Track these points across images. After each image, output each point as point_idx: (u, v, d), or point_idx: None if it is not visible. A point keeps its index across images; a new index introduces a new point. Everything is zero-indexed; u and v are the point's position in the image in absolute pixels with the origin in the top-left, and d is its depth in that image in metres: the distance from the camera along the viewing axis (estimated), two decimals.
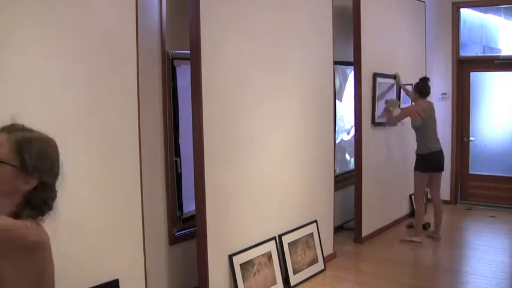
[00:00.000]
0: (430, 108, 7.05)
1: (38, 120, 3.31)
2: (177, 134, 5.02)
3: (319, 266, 5.90)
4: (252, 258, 5.04)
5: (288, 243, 5.50)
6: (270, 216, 5.34)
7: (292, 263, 5.50)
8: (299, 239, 5.68)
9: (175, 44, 4.94)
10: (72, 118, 3.53)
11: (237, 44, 4.84)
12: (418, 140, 7.01)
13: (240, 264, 4.90)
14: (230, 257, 4.81)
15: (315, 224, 5.93)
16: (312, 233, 5.87)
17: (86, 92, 3.61)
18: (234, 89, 4.81)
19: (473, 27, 9.46)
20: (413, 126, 7.01)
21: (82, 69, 3.58)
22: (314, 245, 5.87)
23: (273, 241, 5.32)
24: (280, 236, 5.43)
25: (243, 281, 4.88)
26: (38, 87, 3.31)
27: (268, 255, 5.22)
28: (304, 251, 5.72)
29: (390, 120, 7.32)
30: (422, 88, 7.01)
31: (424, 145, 6.91)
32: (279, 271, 5.30)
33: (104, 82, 3.73)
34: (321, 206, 6.13)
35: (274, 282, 5.22)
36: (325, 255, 6.03)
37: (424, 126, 6.90)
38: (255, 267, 5.04)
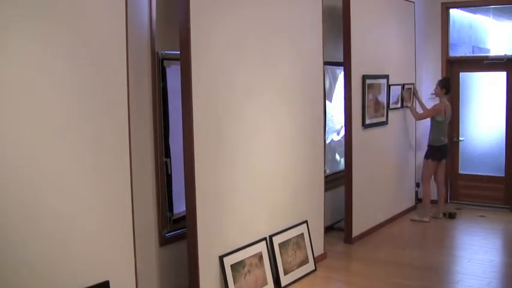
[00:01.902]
0: (449, 106, 8.03)
1: (27, 123, 3.30)
2: (167, 134, 5.01)
3: (310, 266, 5.89)
4: (243, 259, 5.03)
5: (279, 244, 5.50)
6: (261, 217, 5.33)
7: (282, 264, 5.50)
8: (289, 239, 5.67)
9: (165, 45, 4.93)
10: (62, 119, 3.50)
11: (227, 44, 4.82)
12: (434, 133, 7.91)
13: (231, 265, 4.88)
14: (221, 258, 4.80)
15: (305, 224, 5.93)
16: (302, 234, 5.87)
17: (76, 93, 3.59)
18: (224, 89, 4.80)
19: (462, 27, 9.50)
20: (436, 121, 7.86)
21: (71, 70, 3.56)
22: (304, 246, 5.87)
23: (264, 242, 5.31)
24: (270, 237, 5.42)
25: (234, 282, 4.86)
26: (26, 90, 3.29)
27: (259, 256, 5.22)
28: (295, 252, 5.71)
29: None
30: (449, 86, 7.98)
31: (438, 138, 7.86)
32: (270, 272, 5.30)
33: (94, 83, 3.71)
34: (311, 206, 6.12)
35: (265, 283, 5.22)
36: (315, 256, 6.02)
37: (443, 123, 7.85)
38: (245, 268, 5.03)
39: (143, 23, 4.76)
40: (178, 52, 4.51)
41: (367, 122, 7.18)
